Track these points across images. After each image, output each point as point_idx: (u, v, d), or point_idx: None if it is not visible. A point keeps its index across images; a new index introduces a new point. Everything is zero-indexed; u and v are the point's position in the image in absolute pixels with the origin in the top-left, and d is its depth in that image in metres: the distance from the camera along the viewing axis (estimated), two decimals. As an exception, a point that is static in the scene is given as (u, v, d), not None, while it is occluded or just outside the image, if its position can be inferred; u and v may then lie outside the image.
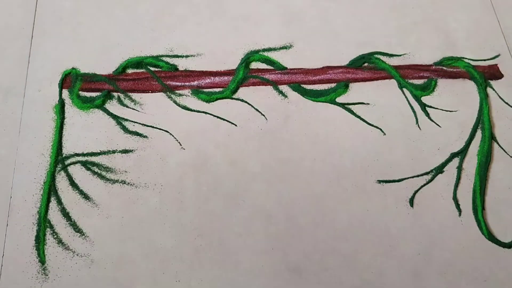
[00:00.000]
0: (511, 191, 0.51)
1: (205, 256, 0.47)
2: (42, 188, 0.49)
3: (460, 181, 0.52)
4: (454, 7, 0.62)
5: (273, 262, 0.47)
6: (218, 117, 0.54)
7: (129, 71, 0.56)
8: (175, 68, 0.56)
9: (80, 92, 0.54)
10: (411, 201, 0.50)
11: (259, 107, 0.55)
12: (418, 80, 0.57)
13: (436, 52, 0.59)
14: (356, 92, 0.56)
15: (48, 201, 0.49)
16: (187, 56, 0.57)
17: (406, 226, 0.49)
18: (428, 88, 0.56)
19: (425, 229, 0.49)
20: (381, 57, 0.58)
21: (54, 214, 0.48)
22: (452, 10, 0.62)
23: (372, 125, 0.54)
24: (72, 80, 0.55)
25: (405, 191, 0.51)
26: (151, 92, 0.55)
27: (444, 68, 0.58)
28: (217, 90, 0.55)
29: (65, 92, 0.54)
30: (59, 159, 0.51)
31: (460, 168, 0.52)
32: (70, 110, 0.53)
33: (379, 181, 0.51)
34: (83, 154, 0.51)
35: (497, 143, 0.54)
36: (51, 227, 0.48)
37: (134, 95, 0.55)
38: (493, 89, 0.57)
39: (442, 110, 0.55)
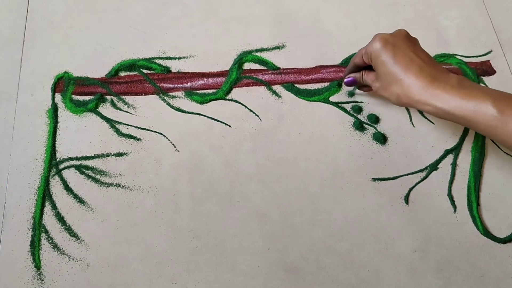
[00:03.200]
0: (505, 187, 0.51)
1: (201, 258, 0.47)
2: (36, 193, 0.49)
3: (455, 178, 0.52)
4: (445, 4, 0.63)
5: (270, 262, 0.47)
6: (212, 118, 0.54)
7: (122, 74, 0.56)
8: (168, 70, 0.56)
9: (73, 96, 0.54)
10: (406, 199, 0.50)
11: (252, 107, 0.55)
12: (411, 77, 0.57)
13: (428, 49, 0.58)
14: (350, 91, 0.56)
15: (43, 206, 0.48)
16: (179, 58, 0.57)
17: (401, 224, 0.49)
18: (421, 85, 0.57)
19: (420, 226, 0.49)
20: (374, 56, 0.58)
21: (49, 219, 0.48)
22: (443, 8, 0.63)
23: (366, 123, 0.54)
24: (64, 84, 0.55)
25: (400, 189, 0.51)
26: (144, 95, 0.55)
27: (437, 65, 0.58)
28: (210, 91, 0.55)
29: (58, 96, 0.54)
30: (53, 164, 0.50)
31: (454, 165, 0.52)
32: (63, 114, 0.53)
33: (374, 179, 0.51)
34: (77, 158, 0.51)
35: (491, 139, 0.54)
36: (46, 232, 0.47)
37: (127, 98, 0.55)
38: (486, 85, 0.57)
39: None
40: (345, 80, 0.52)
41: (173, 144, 0.52)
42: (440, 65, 0.44)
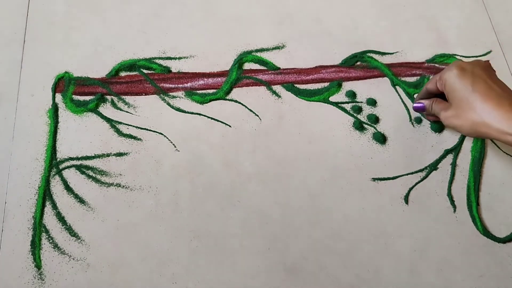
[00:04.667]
0: (504, 187, 0.51)
1: (201, 257, 0.47)
2: (37, 192, 0.49)
3: (454, 178, 0.52)
4: (445, 4, 0.63)
5: (270, 262, 0.47)
6: (212, 118, 0.54)
7: (122, 74, 0.56)
8: (168, 70, 0.56)
9: (73, 96, 0.54)
10: (406, 199, 0.51)
11: (253, 107, 0.55)
12: (411, 77, 0.57)
13: (428, 49, 0.59)
14: (349, 90, 0.56)
15: (43, 205, 0.49)
16: (180, 58, 0.57)
17: (401, 224, 0.49)
18: (421, 85, 0.57)
19: (420, 226, 0.49)
20: (374, 56, 0.58)
21: (49, 219, 0.48)
22: (443, 8, 0.63)
23: (366, 123, 0.54)
24: (65, 84, 0.55)
25: (400, 189, 0.51)
26: (145, 95, 0.55)
27: (437, 65, 0.58)
28: (210, 91, 0.55)
29: (59, 96, 0.54)
30: (53, 164, 0.50)
31: (454, 165, 0.52)
32: (64, 114, 0.53)
33: (374, 179, 0.51)
34: (78, 158, 0.51)
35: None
36: (47, 231, 0.47)
37: (128, 98, 0.55)
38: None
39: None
40: (414, 105, 0.52)
41: (173, 144, 0.52)
42: None
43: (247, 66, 0.57)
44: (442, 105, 0.47)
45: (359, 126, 0.53)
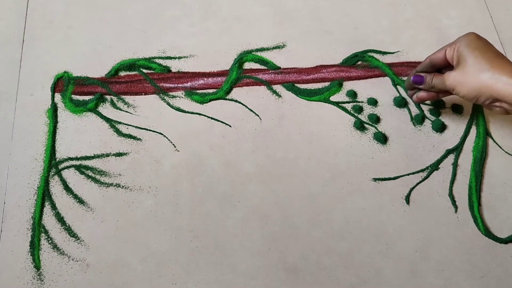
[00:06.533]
0: (506, 187, 0.51)
1: (201, 258, 0.47)
2: (36, 193, 0.49)
3: (456, 178, 0.52)
4: (446, 3, 0.63)
5: (270, 262, 0.47)
6: (212, 118, 0.54)
7: (122, 73, 0.56)
8: (168, 69, 0.56)
9: (72, 95, 0.54)
10: (407, 199, 0.50)
11: (253, 107, 0.54)
12: (412, 77, 0.57)
13: (429, 49, 0.58)
14: (350, 90, 0.56)
15: (42, 206, 0.48)
16: (179, 58, 0.57)
17: (402, 224, 0.49)
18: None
19: (421, 226, 0.49)
20: (375, 55, 0.58)
21: (48, 219, 0.48)
22: (444, 7, 0.62)
23: (367, 123, 0.54)
24: (64, 84, 0.55)
25: (401, 189, 0.51)
26: (144, 94, 0.55)
27: (438, 64, 0.58)
28: (210, 91, 0.55)
29: (58, 96, 0.54)
30: (52, 164, 0.50)
31: (455, 165, 0.52)
32: (63, 114, 0.53)
33: (375, 179, 0.51)
34: (77, 158, 0.51)
35: (492, 139, 0.54)
36: (46, 232, 0.47)
37: (127, 98, 0.54)
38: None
39: (436, 107, 0.55)
40: (413, 77, 0.50)
41: (173, 144, 0.52)
42: None
43: (247, 65, 0.57)
44: (442, 77, 0.47)
45: (359, 126, 0.53)
